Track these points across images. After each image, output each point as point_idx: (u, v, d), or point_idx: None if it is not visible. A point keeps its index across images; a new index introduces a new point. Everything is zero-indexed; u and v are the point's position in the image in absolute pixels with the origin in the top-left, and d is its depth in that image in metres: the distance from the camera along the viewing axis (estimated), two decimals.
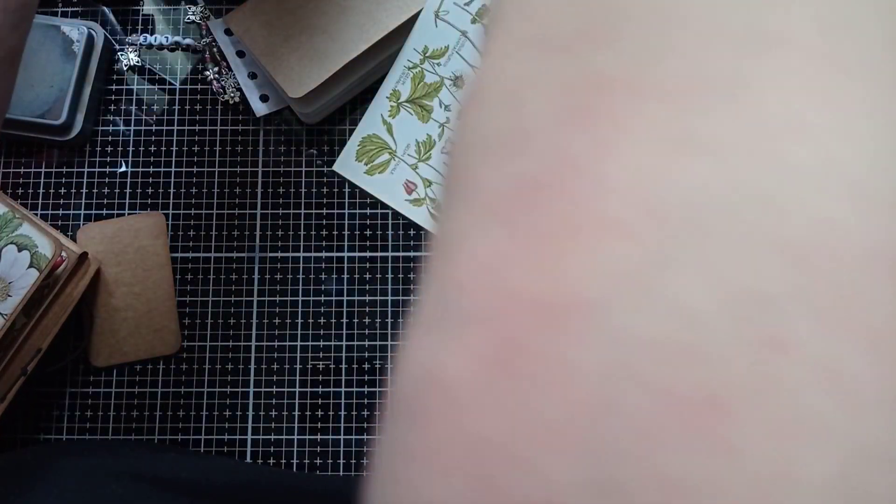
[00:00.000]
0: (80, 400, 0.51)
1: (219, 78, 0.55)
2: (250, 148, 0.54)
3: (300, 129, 0.54)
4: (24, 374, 0.47)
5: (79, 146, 0.54)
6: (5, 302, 0.46)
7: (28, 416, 0.51)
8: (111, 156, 0.54)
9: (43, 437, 0.51)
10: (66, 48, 0.52)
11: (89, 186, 0.54)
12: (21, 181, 0.54)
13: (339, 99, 0.53)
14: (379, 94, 0.54)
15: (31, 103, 0.52)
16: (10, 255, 0.46)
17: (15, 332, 0.47)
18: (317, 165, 0.54)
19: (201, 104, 0.55)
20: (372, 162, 0.53)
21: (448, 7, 0.53)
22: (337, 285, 0.52)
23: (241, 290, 0.52)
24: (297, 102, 0.51)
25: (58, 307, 0.49)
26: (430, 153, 0.53)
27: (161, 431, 0.51)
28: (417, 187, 0.53)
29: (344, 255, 0.53)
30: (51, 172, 0.54)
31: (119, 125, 0.55)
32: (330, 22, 0.52)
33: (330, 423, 0.51)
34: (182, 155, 0.54)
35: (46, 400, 0.51)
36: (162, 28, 0.56)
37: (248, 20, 0.52)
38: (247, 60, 0.55)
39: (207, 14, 0.56)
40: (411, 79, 0.53)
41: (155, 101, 0.55)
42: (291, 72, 0.50)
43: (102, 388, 0.51)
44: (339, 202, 0.53)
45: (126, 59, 0.55)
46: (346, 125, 0.54)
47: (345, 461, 0.51)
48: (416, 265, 0.53)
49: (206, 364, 0.52)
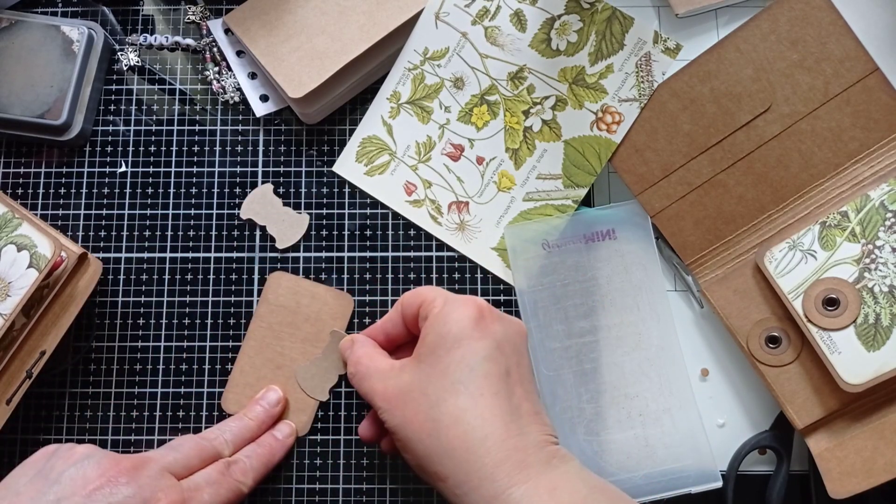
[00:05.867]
0: (79, 400, 0.51)
1: (219, 78, 0.55)
2: (250, 148, 0.54)
3: (300, 129, 0.54)
4: (29, 377, 0.47)
5: (79, 146, 0.54)
6: (5, 302, 0.46)
7: (29, 417, 0.51)
8: (111, 156, 0.54)
9: (43, 438, 0.51)
10: (66, 48, 0.52)
11: (89, 186, 0.54)
12: (21, 181, 0.54)
13: (339, 99, 0.53)
14: (379, 95, 0.54)
15: (31, 103, 0.52)
16: (10, 255, 0.46)
17: (14, 332, 0.47)
18: (317, 165, 0.54)
19: (201, 104, 0.55)
20: (372, 163, 0.53)
21: (448, 8, 0.53)
22: (337, 285, 0.52)
23: (241, 290, 0.52)
24: (297, 102, 0.51)
25: (57, 307, 0.49)
26: (429, 154, 0.53)
27: (161, 432, 0.51)
28: (417, 188, 0.53)
29: (344, 255, 0.53)
30: (51, 172, 0.54)
31: (119, 125, 0.55)
32: (330, 22, 0.52)
33: (330, 423, 0.51)
34: (182, 155, 0.54)
35: (48, 401, 0.51)
36: (162, 28, 0.56)
37: (248, 20, 0.52)
38: (247, 60, 0.55)
39: (207, 14, 0.56)
40: (411, 80, 0.53)
41: (155, 101, 0.55)
42: (291, 72, 0.50)
43: (102, 388, 0.51)
44: (339, 202, 0.53)
45: (126, 59, 0.55)
46: (346, 125, 0.54)
47: (345, 461, 0.51)
48: (416, 265, 0.53)
49: (205, 364, 0.52)
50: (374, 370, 0.42)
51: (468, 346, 0.39)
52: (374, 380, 0.42)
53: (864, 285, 0.46)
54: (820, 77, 0.49)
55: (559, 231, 0.52)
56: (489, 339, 0.40)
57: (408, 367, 0.41)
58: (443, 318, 0.40)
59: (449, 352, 0.39)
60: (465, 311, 0.41)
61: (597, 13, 0.52)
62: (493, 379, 0.39)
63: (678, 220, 0.51)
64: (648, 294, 0.51)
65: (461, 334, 0.40)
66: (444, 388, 0.39)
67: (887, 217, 0.46)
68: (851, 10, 0.50)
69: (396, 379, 0.41)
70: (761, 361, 0.49)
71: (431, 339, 0.40)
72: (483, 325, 0.40)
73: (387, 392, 0.41)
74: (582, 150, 0.52)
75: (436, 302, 0.42)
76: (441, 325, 0.40)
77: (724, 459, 0.50)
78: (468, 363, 0.39)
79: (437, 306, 0.41)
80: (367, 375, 0.42)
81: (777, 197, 0.50)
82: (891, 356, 0.45)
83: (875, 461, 0.45)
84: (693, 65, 0.51)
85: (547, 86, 0.52)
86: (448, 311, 0.41)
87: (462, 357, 0.39)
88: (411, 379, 0.40)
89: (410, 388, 0.40)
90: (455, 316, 0.40)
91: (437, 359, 0.40)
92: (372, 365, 0.43)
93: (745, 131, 0.50)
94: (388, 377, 0.41)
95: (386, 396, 0.41)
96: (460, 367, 0.39)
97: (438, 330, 0.40)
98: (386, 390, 0.41)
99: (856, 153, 0.49)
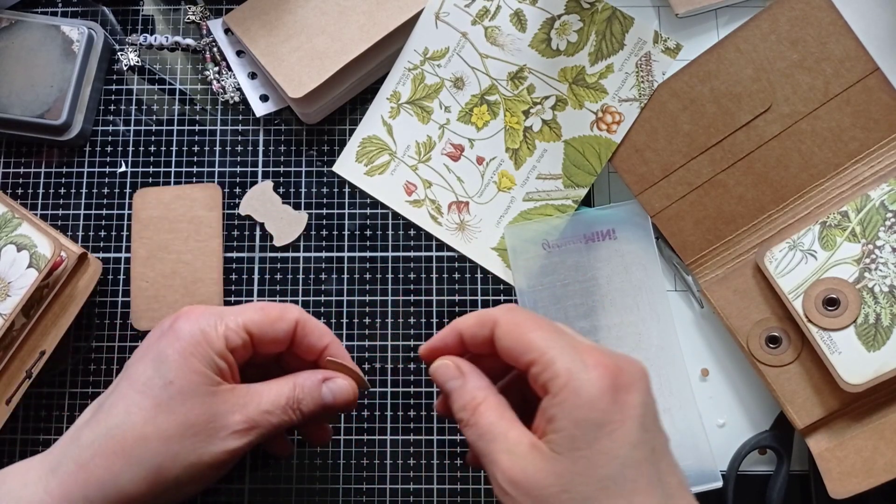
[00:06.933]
0: (79, 400, 0.51)
1: (219, 78, 0.55)
2: (250, 148, 0.54)
3: (300, 129, 0.54)
4: (29, 377, 0.47)
5: (79, 146, 0.54)
6: (4, 302, 0.46)
7: (29, 417, 0.51)
8: (111, 156, 0.54)
9: (43, 438, 0.51)
10: (66, 48, 0.52)
11: (89, 186, 0.54)
12: (21, 181, 0.54)
13: (339, 99, 0.53)
14: (379, 96, 0.54)
15: (31, 103, 0.52)
16: (10, 255, 0.46)
17: (14, 332, 0.47)
18: (317, 165, 0.54)
19: (201, 104, 0.55)
20: (372, 163, 0.53)
21: (448, 8, 0.53)
22: (337, 285, 0.52)
23: (242, 291, 0.52)
24: (297, 102, 0.51)
25: (57, 307, 0.49)
26: (429, 154, 0.53)
27: None
28: (417, 188, 0.53)
29: (344, 255, 0.53)
30: (50, 172, 0.54)
31: (119, 125, 0.55)
32: (330, 22, 0.52)
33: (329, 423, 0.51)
34: (182, 155, 0.54)
35: (48, 401, 0.51)
36: (162, 28, 0.56)
37: (248, 20, 0.52)
38: (247, 60, 0.55)
39: (207, 14, 0.56)
40: (411, 80, 0.53)
41: (155, 101, 0.55)
42: (291, 72, 0.50)
43: (102, 388, 0.51)
44: (339, 202, 0.53)
45: (126, 59, 0.55)
46: (346, 125, 0.54)
47: (344, 461, 0.51)
48: (416, 265, 0.53)
49: None
50: (502, 435, 0.35)
51: (614, 437, 0.34)
52: (500, 449, 0.35)
53: (865, 285, 0.46)
54: (820, 77, 0.49)
55: (559, 231, 0.52)
56: (633, 420, 0.34)
57: (541, 454, 0.34)
58: (574, 397, 0.34)
59: (591, 444, 0.33)
60: (598, 383, 0.34)
61: (597, 13, 0.52)
62: (644, 467, 0.34)
63: (678, 220, 0.51)
64: (648, 294, 0.51)
65: (602, 420, 0.34)
66: (593, 487, 0.33)
67: (887, 217, 0.46)
68: (851, 10, 0.50)
69: (528, 462, 0.34)
70: (761, 361, 0.49)
71: (566, 428, 0.34)
72: (622, 401, 0.34)
73: (514, 474, 0.34)
74: (582, 150, 0.52)
75: (555, 367, 0.35)
76: (575, 409, 0.34)
77: (725, 459, 0.50)
78: (616, 455, 0.33)
79: (560, 376, 0.34)
80: (493, 438, 0.35)
81: (777, 197, 0.50)
82: (891, 356, 0.45)
83: (875, 461, 0.45)
84: (693, 65, 0.51)
85: (547, 86, 0.52)
86: (577, 386, 0.34)
87: (609, 449, 0.33)
88: (548, 471, 0.34)
89: (548, 483, 0.34)
90: (588, 393, 0.34)
91: (578, 453, 0.34)
92: (500, 425, 0.36)
93: (745, 131, 0.50)
94: (517, 453, 0.35)
95: (514, 480, 0.34)
96: (609, 463, 0.33)
97: (574, 416, 0.34)
98: (513, 471, 0.34)
99: (856, 153, 0.49)
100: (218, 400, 0.37)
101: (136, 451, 0.36)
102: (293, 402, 0.39)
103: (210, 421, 0.37)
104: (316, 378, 0.40)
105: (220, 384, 0.38)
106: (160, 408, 0.37)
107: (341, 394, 0.41)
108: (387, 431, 0.51)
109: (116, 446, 0.36)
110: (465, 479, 0.50)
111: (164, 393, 0.37)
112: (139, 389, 0.37)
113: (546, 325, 0.37)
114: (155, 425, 0.36)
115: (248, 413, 0.38)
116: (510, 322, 0.37)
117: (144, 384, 0.37)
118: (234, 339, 0.39)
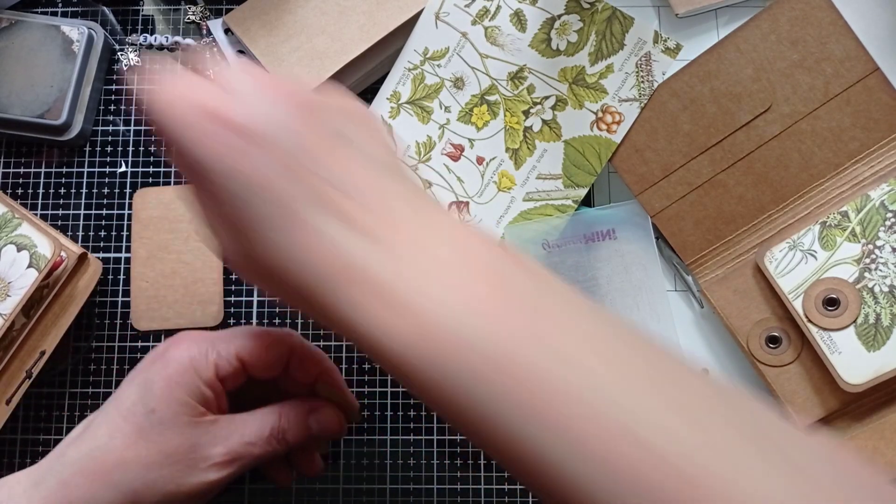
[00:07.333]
0: (79, 400, 0.51)
1: None
2: None
3: None
4: (28, 377, 0.47)
5: (78, 146, 0.54)
6: (4, 302, 0.46)
7: (29, 417, 0.51)
8: (111, 156, 0.54)
9: (43, 438, 0.51)
10: (66, 48, 0.52)
11: (89, 186, 0.54)
12: (21, 181, 0.54)
13: None
14: (379, 96, 0.54)
15: (31, 103, 0.52)
16: (10, 255, 0.46)
17: (14, 332, 0.47)
18: None
19: None
20: None
21: (448, 8, 0.53)
22: None
23: (241, 290, 0.52)
24: None
25: (57, 307, 0.49)
26: (429, 154, 0.53)
27: None
28: None
29: None
30: (50, 172, 0.54)
31: (119, 125, 0.55)
32: (330, 22, 0.52)
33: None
34: None
35: (48, 401, 0.51)
36: (162, 28, 0.56)
37: (248, 20, 0.52)
38: (247, 60, 0.55)
39: (207, 14, 0.56)
40: (411, 80, 0.53)
41: None
42: (291, 72, 0.50)
43: (102, 388, 0.51)
44: None
45: (126, 59, 0.55)
46: None
47: (345, 461, 0.51)
48: None
49: None
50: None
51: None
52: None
53: (865, 285, 0.46)
54: (820, 77, 0.49)
55: (559, 231, 0.52)
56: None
57: None
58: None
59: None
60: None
61: (597, 13, 0.52)
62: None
63: (678, 220, 0.51)
64: (648, 294, 0.51)
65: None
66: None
67: (887, 217, 0.46)
68: (851, 10, 0.50)
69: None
70: (761, 361, 0.49)
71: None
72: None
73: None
74: (582, 150, 0.52)
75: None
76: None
77: None
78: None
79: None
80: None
81: (777, 197, 0.50)
82: (891, 356, 0.45)
83: (875, 461, 0.45)
84: (693, 65, 0.51)
85: (547, 86, 0.52)
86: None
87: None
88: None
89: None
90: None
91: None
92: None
93: (745, 131, 0.50)
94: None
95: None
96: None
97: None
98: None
99: (856, 153, 0.49)
100: (199, 431, 0.38)
101: (115, 475, 0.36)
102: (278, 433, 0.40)
103: (190, 451, 0.37)
104: (302, 408, 0.41)
105: (204, 415, 0.38)
106: (141, 434, 0.37)
107: (328, 424, 0.42)
108: (387, 431, 0.51)
109: (97, 468, 0.36)
110: (465, 480, 0.50)
111: (146, 421, 0.37)
112: (123, 414, 0.38)
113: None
114: (135, 451, 0.37)
115: (230, 445, 0.38)
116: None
117: (129, 409, 0.38)
118: (224, 367, 0.39)
